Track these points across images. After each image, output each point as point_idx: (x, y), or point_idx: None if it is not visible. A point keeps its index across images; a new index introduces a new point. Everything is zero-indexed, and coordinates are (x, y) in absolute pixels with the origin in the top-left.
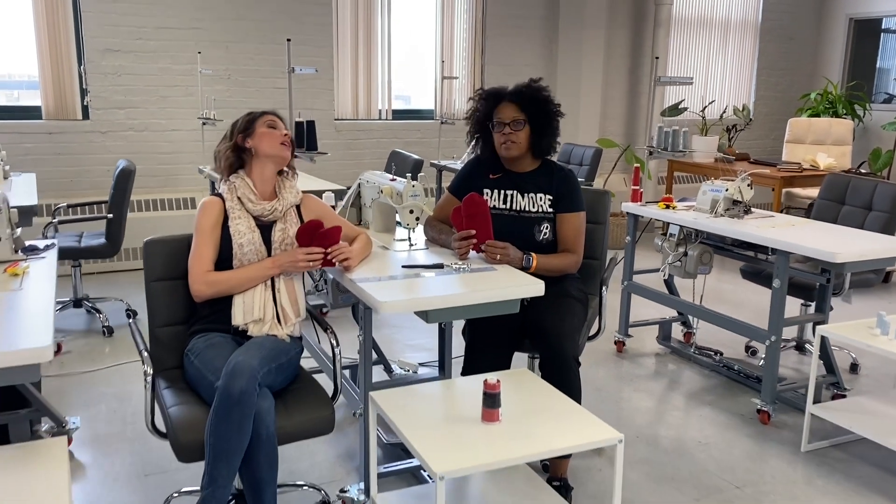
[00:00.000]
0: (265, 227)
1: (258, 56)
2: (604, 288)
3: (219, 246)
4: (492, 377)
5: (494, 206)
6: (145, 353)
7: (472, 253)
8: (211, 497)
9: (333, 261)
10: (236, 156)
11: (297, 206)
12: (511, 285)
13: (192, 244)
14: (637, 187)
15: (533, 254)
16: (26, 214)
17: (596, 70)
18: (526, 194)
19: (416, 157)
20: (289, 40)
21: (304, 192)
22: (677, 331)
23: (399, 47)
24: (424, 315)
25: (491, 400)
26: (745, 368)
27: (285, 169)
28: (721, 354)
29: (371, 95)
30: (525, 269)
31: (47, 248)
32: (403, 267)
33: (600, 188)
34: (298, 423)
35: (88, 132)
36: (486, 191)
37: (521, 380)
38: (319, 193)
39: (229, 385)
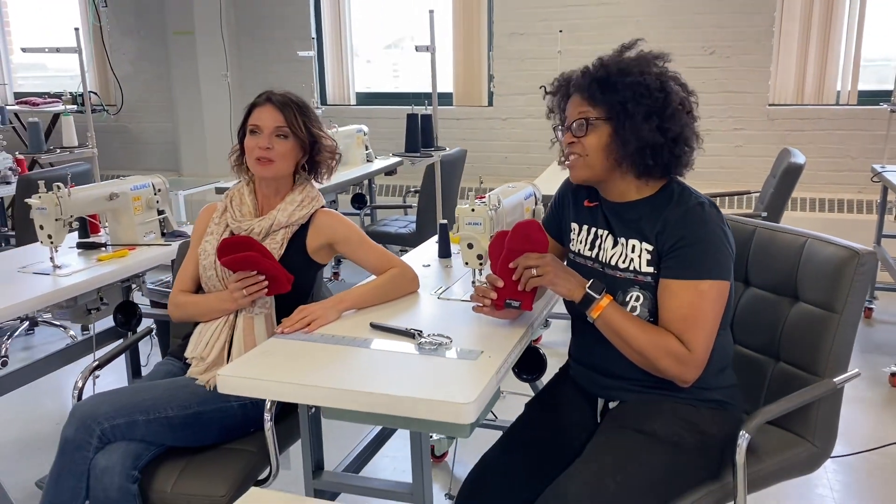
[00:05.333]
0: None
1: (674, 30)
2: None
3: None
4: None
5: (579, 250)
6: None
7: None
8: None
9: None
10: (241, 158)
11: (306, 226)
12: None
13: None
14: None
15: (607, 293)
16: None
17: None
18: (619, 239)
19: (799, 160)
20: None
21: (322, 207)
22: None
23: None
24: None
25: None
26: None
27: (302, 173)
28: None
29: (826, 70)
30: (583, 304)
31: None
32: (372, 326)
33: (850, 244)
34: (176, 499)
35: (489, 118)
36: (573, 226)
37: None
38: None
39: (63, 430)
